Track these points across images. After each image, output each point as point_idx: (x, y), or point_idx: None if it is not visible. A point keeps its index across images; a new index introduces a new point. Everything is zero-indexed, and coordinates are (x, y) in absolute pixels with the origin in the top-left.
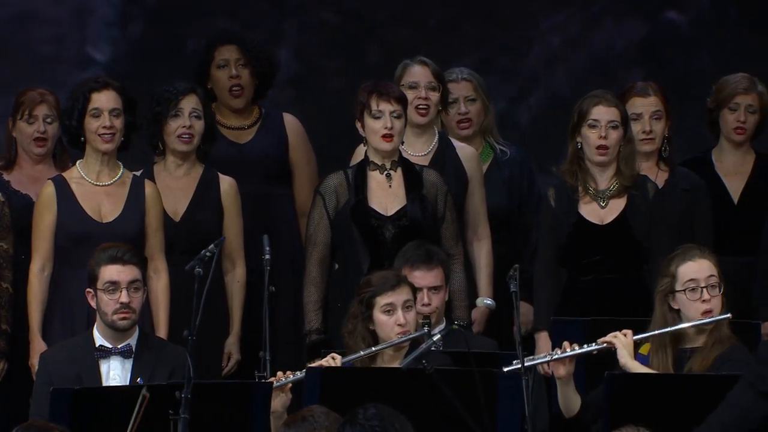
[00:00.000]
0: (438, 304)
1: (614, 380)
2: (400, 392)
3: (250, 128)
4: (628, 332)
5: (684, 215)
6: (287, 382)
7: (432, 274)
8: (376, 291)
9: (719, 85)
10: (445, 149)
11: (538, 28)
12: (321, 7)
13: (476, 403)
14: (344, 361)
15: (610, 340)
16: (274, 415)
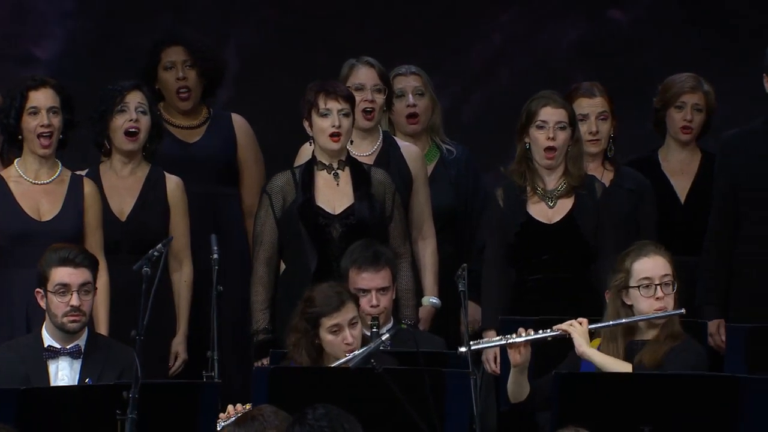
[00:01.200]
0: (386, 305)
1: (562, 379)
2: (348, 392)
3: (198, 128)
4: (584, 321)
5: (629, 215)
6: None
7: (380, 276)
8: (321, 312)
9: (665, 84)
10: (390, 149)
11: (482, 27)
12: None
13: (425, 402)
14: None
15: (565, 328)
16: None
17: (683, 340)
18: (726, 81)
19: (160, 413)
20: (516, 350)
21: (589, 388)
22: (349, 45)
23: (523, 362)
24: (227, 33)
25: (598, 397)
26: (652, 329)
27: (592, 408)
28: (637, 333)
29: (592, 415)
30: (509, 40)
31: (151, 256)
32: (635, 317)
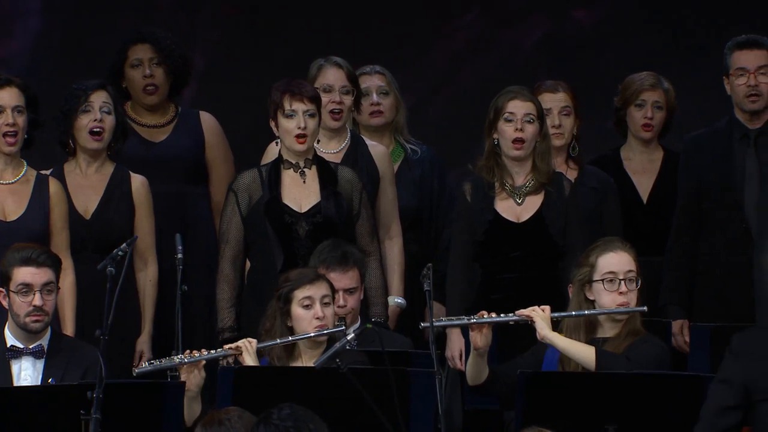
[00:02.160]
0: (353, 305)
1: (527, 379)
2: (314, 391)
3: (165, 126)
4: (546, 308)
5: (593, 213)
6: (200, 359)
7: (347, 276)
8: (294, 285)
9: (625, 83)
10: (357, 147)
11: (446, 27)
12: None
13: (390, 401)
14: (259, 346)
15: (528, 313)
16: (188, 395)
17: (644, 335)
18: (686, 80)
19: (124, 413)
20: (478, 333)
21: (553, 388)
22: (314, 44)
23: (484, 346)
24: (193, 31)
25: (562, 396)
26: (613, 326)
27: (556, 407)
28: (599, 330)
29: (556, 414)
30: (473, 40)
31: (116, 255)
32: (597, 310)
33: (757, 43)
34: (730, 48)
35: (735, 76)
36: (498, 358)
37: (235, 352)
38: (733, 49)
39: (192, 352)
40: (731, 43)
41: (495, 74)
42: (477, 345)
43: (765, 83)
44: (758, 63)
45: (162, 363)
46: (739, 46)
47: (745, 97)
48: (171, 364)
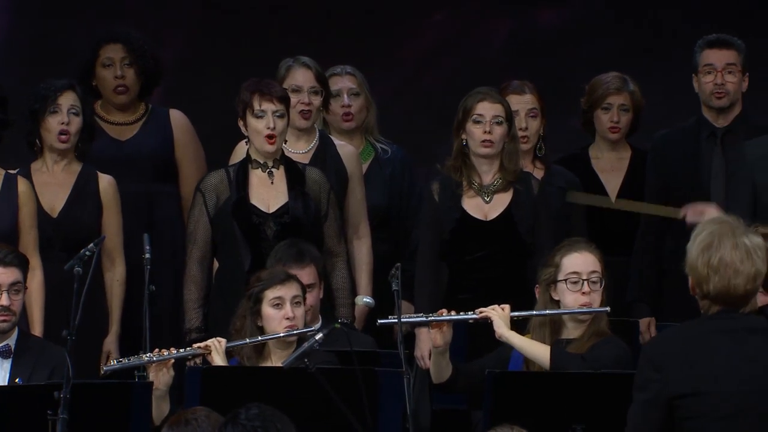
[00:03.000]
0: (312, 302)
1: (495, 378)
2: (282, 391)
3: (134, 124)
4: (506, 306)
5: (560, 213)
6: (168, 358)
7: (305, 273)
8: (265, 285)
9: (591, 85)
10: (326, 147)
11: (415, 26)
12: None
13: (358, 401)
14: (228, 346)
15: (487, 312)
16: (156, 394)
17: (608, 336)
18: (654, 79)
19: (92, 413)
20: (437, 331)
21: (521, 387)
22: (283, 43)
23: (444, 344)
24: (160, 30)
25: (530, 395)
26: (577, 327)
27: (524, 407)
28: (563, 331)
29: (524, 413)
30: (442, 40)
31: (83, 255)
32: (558, 310)
33: (727, 43)
34: (700, 46)
35: (703, 74)
36: (466, 357)
37: (204, 352)
38: (703, 47)
39: (161, 351)
40: (701, 41)
41: (462, 74)
42: (437, 343)
43: (731, 82)
44: (726, 61)
45: (130, 361)
46: (709, 44)
47: (711, 94)
48: (139, 362)
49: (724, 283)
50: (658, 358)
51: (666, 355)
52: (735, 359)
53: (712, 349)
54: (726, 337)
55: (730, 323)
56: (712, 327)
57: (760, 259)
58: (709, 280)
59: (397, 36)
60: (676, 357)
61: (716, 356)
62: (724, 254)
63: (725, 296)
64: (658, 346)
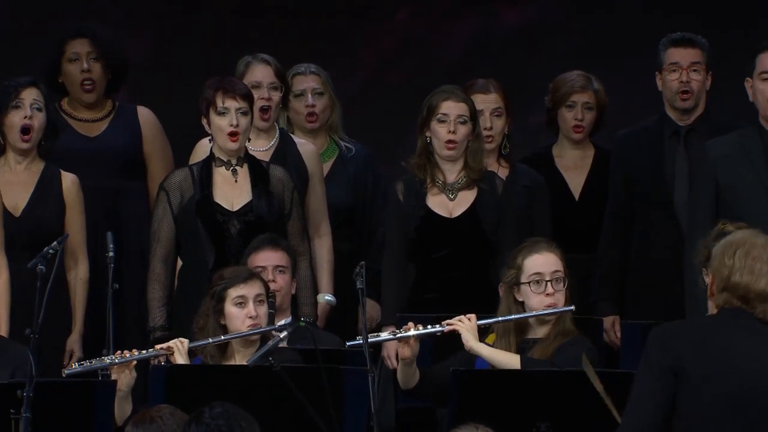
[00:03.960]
0: (283, 284)
1: (459, 376)
2: (247, 390)
3: (101, 121)
4: (472, 316)
5: (524, 212)
6: (130, 359)
7: (277, 255)
8: (228, 283)
9: (555, 83)
10: (286, 146)
11: (378, 25)
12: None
13: (323, 399)
14: (191, 345)
15: (454, 324)
16: (119, 395)
17: (573, 336)
18: (616, 77)
19: (55, 412)
20: (405, 345)
21: (486, 385)
22: (245, 41)
23: (411, 356)
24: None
25: (495, 394)
26: (543, 327)
27: (489, 405)
28: (529, 331)
29: (489, 412)
30: (405, 38)
31: (46, 253)
32: (524, 314)
33: (692, 41)
34: (664, 44)
35: (668, 72)
36: (432, 359)
37: (166, 352)
38: (668, 45)
39: (123, 353)
40: (666, 39)
41: (425, 73)
42: (404, 356)
43: (696, 80)
44: (691, 60)
45: (92, 364)
46: (674, 42)
47: (676, 93)
48: (101, 364)
49: (747, 279)
50: (669, 338)
51: (678, 335)
52: (748, 350)
53: (726, 337)
54: (742, 330)
55: (747, 320)
56: (729, 317)
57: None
58: (734, 273)
59: (361, 35)
60: (688, 338)
61: (730, 344)
62: (752, 250)
63: (746, 292)
64: (669, 327)
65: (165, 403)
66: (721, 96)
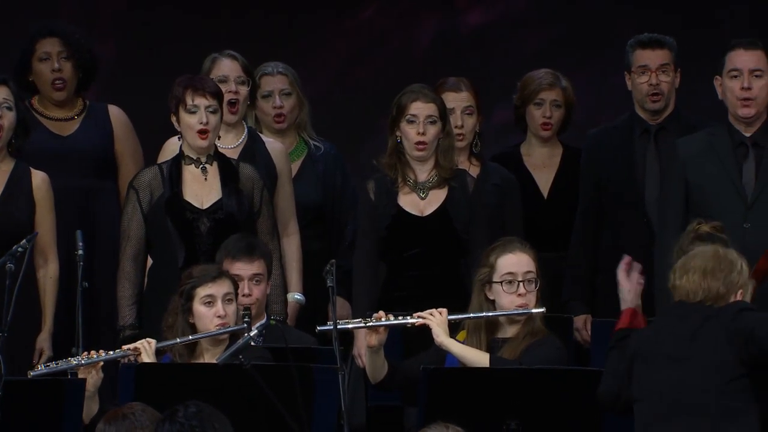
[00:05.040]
0: (259, 296)
1: (430, 375)
2: (216, 388)
3: (72, 120)
4: (443, 311)
5: (495, 210)
6: (98, 360)
7: (254, 265)
8: (196, 282)
9: (523, 81)
10: (254, 144)
11: (343, 23)
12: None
13: (293, 397)
14: (158, 346)
15: (425, 317)
16: (86, 395)
17: (543, 336)
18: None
19: (24, 410)
20: (373, 332)
21: (456, 383)
22: (212, 39)
23: (378, 344)
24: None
25: (465, 392)
26: (513, 326)
27: (459, 403)
28: (499, 330)
29: (459, 410)
30: (370, 37)
31: (15, 251)
32: (495, 312)
33: (660, 43)
34: (632, 46)
35: (637, 74)
36: (402, 354)
37: (133, 353)
38: (636, 47)
39: (90, 353)
40: (633, 41)
41: (391, 71)
42: (371, 343)
43: (666, 81)
44: (660, 62)
45: (59, 365)
46: (642, 44)
47: (646, 95)
48: (68, 366)
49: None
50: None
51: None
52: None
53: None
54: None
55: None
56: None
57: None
58: (675, 278)
59: (327, 33)
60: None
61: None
62: (690, 256)
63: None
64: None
65: (134, 401)
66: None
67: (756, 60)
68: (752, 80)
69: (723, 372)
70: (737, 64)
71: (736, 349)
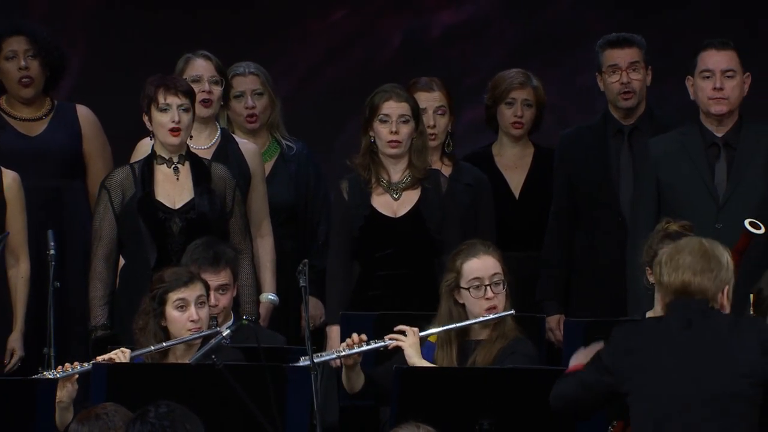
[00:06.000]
0: (225, 304)
1: (402, 374)
2: (189, 388)
3: (41, 120)
4: (415, 330)
5: (468, 210)
6: (73, 373)
7: (220, 276)
8: (168, 287)
9: (494, 81)
10: (228, 144)
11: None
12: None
13: (266, 397)
14: (133, 355)
15: (398, 338)
16: (60, 406)
17: (514, 340)
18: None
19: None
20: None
21: (429, 383)
22: (183, 39)
23: (354, 364)
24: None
25: (438, 391)
26: (485, 329)
27: (432, 402)
28: (471, 333)
29: (432, 409)
30: (342, 37)
31: None
32: (465, 322)
33: (629, 41)
34: (601, 46)
35: (608, 74)
36: (375, 359)
37: (108, 363)
38: (605, 47)
39: (65, 366)
40: (602, 41)
41: (361, 72)
42: (348, 364)
43: (637, 80)
44: (630, 60)
45: None
46: (611, 44)
47: (618, 94)
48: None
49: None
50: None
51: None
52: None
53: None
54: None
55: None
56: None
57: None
58: (663, 275)
59: (297, 34)
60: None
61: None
62: (677, 250)
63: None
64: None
65: (106, 401)
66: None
67: (728, 60)
68: (724, 80)
69: (749, 377)
70: (709, 65)
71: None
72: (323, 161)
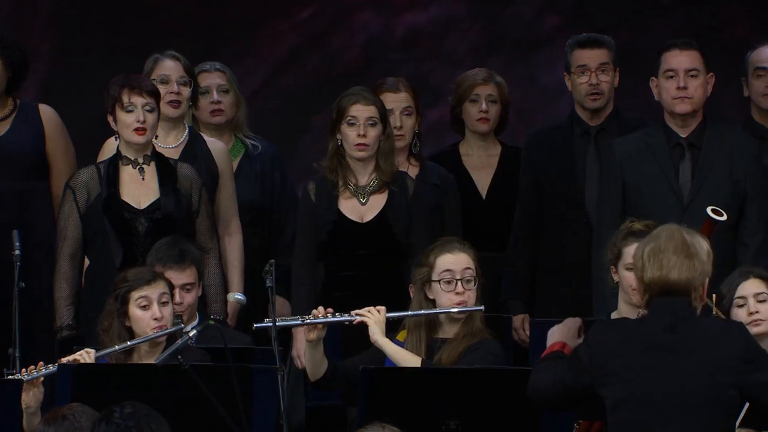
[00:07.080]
0: (190, 302)
1: (369, 375)
2: (155, 388)
3: (3, 120)
4: (382, 309)
5: (434, 210)
6: (39, 376)
7: (185, 274)
8: (131, 286)
9: (458, 80)
10: (196, 143)
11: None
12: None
13: (232, 398)
14: (97, 355)
15: (364, 315)
16: (28, 411)
17: (480, 339)
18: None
19: None
20: (312, 327)
21: (395, 383)
22: (148, 39)
23: (317, 339)
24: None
25: (405, 391)
26: (453, 326)
27: (398, 403)
28: (439, 330)
29: (398, 410)
30: (306, 38)
31: None
32: (433, 310)
33: (598, 42)
34: (570, 46)
35: (576, 74)
36: (341, 354)
37: (73, 365)
38: (574, 47)
39: (30, 369)
40: (572, 41)
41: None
42: (310, 337)
43: (605, 81)
44: (599, 61)
45: None
46: (581, 44)
47: (586, 95)
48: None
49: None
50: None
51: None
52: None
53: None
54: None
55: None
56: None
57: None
58: (645, 271)
59: (263, 34)
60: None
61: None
62: (658, 245)
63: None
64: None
65: (72, 401)
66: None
67: (691, 60)
68: (688, 80)
69: (729, 385)
70: (673, 65)
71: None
72: (287, 161)
